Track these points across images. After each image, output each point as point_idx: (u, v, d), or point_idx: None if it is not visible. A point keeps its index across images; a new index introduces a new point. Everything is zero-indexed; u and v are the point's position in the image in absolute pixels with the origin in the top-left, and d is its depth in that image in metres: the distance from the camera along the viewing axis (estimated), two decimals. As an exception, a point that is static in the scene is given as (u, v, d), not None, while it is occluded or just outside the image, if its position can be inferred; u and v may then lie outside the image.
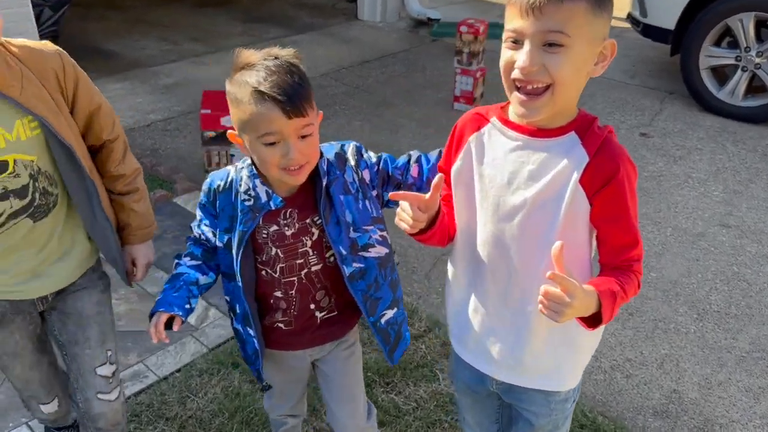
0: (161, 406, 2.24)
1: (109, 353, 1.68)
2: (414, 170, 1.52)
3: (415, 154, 1.55)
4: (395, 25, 6.76)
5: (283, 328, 1.53)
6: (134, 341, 2.54)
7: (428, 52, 5.93)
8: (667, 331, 2.65)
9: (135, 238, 1.69)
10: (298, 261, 1.46)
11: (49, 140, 1.40)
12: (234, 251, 1.43)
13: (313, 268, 1.48)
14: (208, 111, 3.57)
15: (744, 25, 4.31)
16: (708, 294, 2.87)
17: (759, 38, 4.35)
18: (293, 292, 1.49)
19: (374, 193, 1.50)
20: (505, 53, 1.17)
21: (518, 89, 1.16)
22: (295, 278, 1.48)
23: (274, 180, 1.40)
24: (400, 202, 1.28)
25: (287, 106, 1.27)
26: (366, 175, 1.49)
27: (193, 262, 1.53)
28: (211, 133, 3.60)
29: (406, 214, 1.26)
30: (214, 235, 1.50)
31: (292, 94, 1.27)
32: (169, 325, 1.44)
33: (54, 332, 1.66)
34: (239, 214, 1.42)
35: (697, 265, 3.07)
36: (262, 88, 1.26)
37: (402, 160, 1.55)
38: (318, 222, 1.44)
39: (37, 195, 1.44)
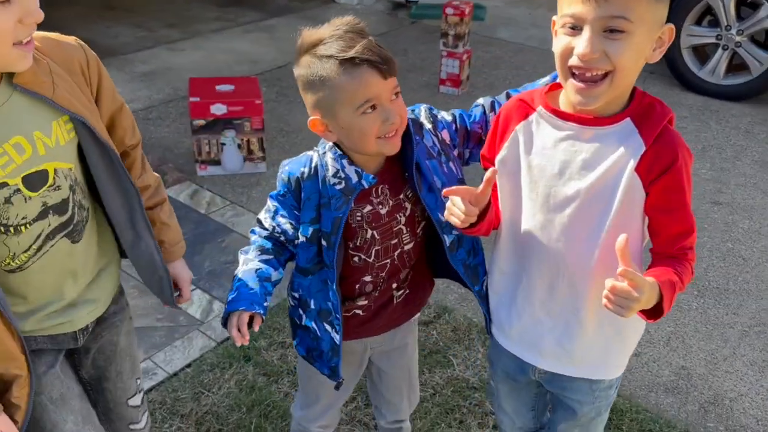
0: (174, 403, 2.20)
1: (138, 381, 1.57)
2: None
3: (486, 101, 1.48)
4: (372, 8, 6.68)
5: (361, 314, 1.48)
6: (139, 337, 2.47)
7: (408, 35, 5.88)
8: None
9: (172, 254, 1.51)
10: (393, 241, 1.42)
11: (84, 143, 1.24)
12: (331, 240, 1.36)
13: (406, 248, 1.43)
14: (197, 99, 3.49)
15: (724, 3, 4.35)
16: (706, 271, 2.93)
17: (739, 16, 4.41)
18: (384, 274, 1.44)
19: (455, 152, 1.45)
20: (562, 39, 1.14)
21: (574, 76, 1.14)
22: (389, 260, 1.43)
23: (362, 158, 1.34)
24: (451, 197, 1.25)
25: (382, 66, 1.22)
26: (446, 135, 1.43)
27: (264, 257, 1.43)
28: (201, 122, 3.52)
29: (457, 209, 1.23)
30: (294, 228, 1.42)
31: (380, 53, 1.22)
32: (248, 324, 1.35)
33: (80, 370, 1.48)
34: (331, 200, 1.34)
35: (692, 242, 3.11)
36: (352, 54, 1.20)
37: (477, 113, 1.48)
38: (410, 195, 1.39)
39: (76, 210, 1.27)
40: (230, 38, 5.70)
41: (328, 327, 1.45)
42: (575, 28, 1.11)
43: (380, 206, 1.38)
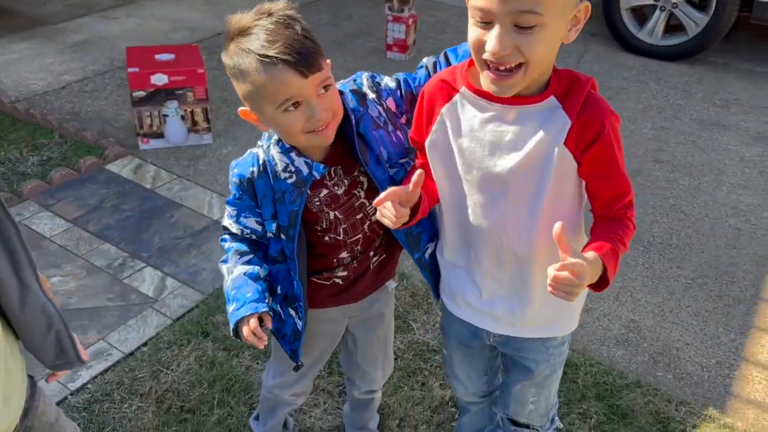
0: (132, 383, 2.15)
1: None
2: None
3: (429, 62, 1.44)
4: (313, -28, 6.53)
5: (340, 283, 1.48)
6: (90, 318, 2.41)
7: None
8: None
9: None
10: (358, 216, 1.40)
11: None
12: (289, 234, 1.34)
13: (374, 218, 1.41)
14: (136, 69, 3.36)
15: (662, -35, 4.45)
16: (650, 227, 3.03)
17: (676, -22, 4.51)
18: (359, 247, 1.44)
19: (402, 120, 1.42)
20: (474, 31, 1.11)
21: (488, 67, 1.13)
22: (360, 235, 1.42)
23: (306, 147, 1.31)
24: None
25: (301, 65, 1.16)
26: (391, 104, 1.40)
27: (245, 258, 1.41)
28: (141, 93, 3.39)
29: (388, 211, 1.21)
30: (261, 225, 1.40)
31: (301, 50, 1.16)
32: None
33: None
34: (284, 195, 1.32)
35: (637, 200, 3.17)
36: (268, 53, 1.14)
37: (422, 75, 1.44)
38: (363, 169, 1.36)
39: None
40: (165, 5, 5.48)
41: (292, 312, 1.45)
42: (485, 22, 1.08)
43: (336, 187, 1.36)
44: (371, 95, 1.37)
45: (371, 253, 1.48)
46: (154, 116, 3.46)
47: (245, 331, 1.29)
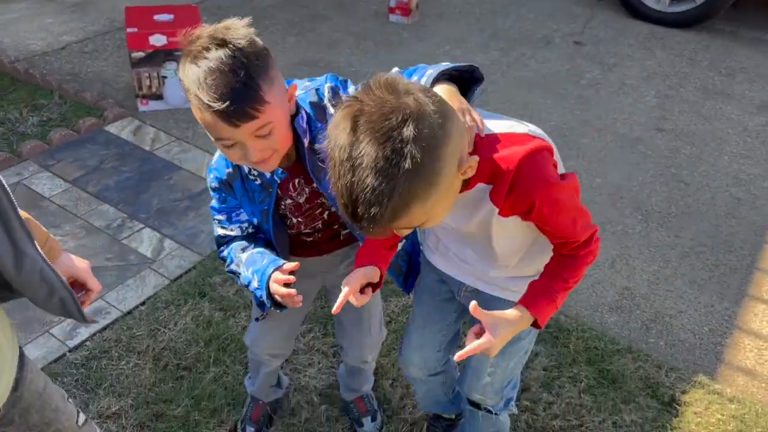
0: (130, 341, 2.19)
1: (71, 400, 1.37)
2: None
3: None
4: (317, -67, 6.41)
5: (309, 241, 1.54)
6: (89, 278, 2.43)
7: (355, -38, 5.68)
8: (615, 233, 2.79)
9: (54, 251, 1.20)
10: (317, 211, 1.45)
11: None
12: (263, 228, 1.40)
13: (333, 209, 1.45)
14: (135, 30, 3.33)
15: (672, -71, 4.35)
16: (650, 195, 3.02)
17: (685, -58, 4.42)
18: (320, 225, 1.50)
19: None
20: None
21: None
22: (320, 221, 1.49)
23: None
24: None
25: (230, 116, 1.09)
26: None
27: (250, 247, 1.41)
28: (140, 54, 3.37)
29: (351, 297, 1.29)
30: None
31: (235, 99, 1.07)
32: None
33: None
34: (254, 194, 1.36)
35: (637, 168, 3.20)
36: (202, 97, 1.08)
37: None
38: None
39: None
40: (167, -35, 5.40)
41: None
42: None
43: (299, 196, 1.39)
44: (331, 110, 1.34)
45: (335, 226, 1.52)
46: (153, 78, 3.44)
47: (273, 287, 1.30)
